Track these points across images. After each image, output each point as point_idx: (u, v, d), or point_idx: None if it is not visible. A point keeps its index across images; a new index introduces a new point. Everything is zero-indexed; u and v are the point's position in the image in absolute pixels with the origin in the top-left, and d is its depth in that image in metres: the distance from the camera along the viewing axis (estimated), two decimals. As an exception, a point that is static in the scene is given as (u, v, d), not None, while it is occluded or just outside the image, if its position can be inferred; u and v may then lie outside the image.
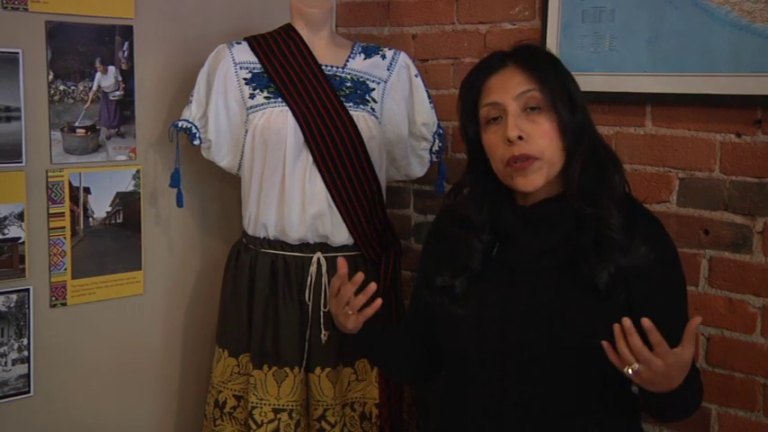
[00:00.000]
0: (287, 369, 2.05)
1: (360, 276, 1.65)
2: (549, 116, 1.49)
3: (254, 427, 2.04)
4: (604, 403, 1.52)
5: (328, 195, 2.04)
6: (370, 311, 1.64)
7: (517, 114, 1.48)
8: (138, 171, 2.18)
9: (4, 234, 1.97)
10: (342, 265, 1.67)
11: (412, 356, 1.75)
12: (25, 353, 2.03)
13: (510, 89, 1.50)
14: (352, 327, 1.67)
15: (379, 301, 1.64)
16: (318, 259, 2.06)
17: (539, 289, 1.50)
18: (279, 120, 2.03)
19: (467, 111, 1.57)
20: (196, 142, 2.11)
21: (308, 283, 2.05)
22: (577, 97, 1.52)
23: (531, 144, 1.47)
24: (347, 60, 2.14)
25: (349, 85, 2.10)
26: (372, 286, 1.63)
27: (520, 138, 1.47)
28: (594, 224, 1.48)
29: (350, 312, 1.64)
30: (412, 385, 2.22)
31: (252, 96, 2.07)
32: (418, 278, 1.76)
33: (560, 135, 1.49)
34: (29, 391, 2.05)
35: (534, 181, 1.49)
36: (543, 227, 1.52)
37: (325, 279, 2.06)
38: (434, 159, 2.22)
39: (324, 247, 2.07)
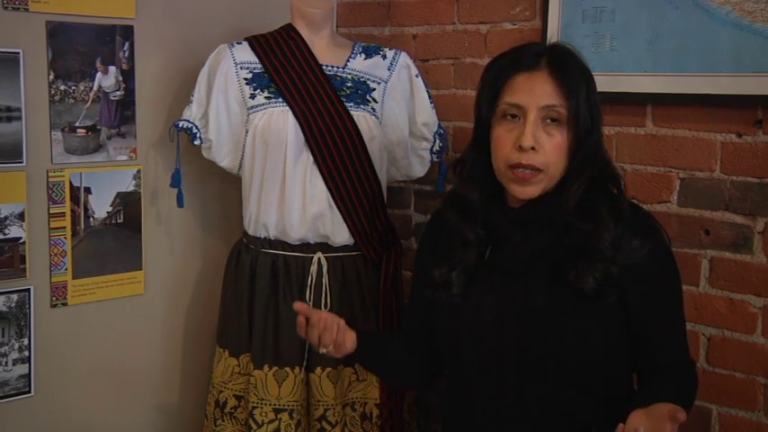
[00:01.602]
0: (287, 369, 2.05)
1: (297, 306, 1.59)
2: (566, 131, 1.47)
3: (254, 427, 2.04)
4: (605, 402, 1.52)
5: (329, 195, 2.04)
6: (341, 338, 1.59)
7: (536, 123, 1.47)
8: (138, 171, 2.18)
9: (4, 234, 1.97)
10: (299, 308, 1.60)
11: (411, 363, 1.73)
12: (26, 353, 2.03)
13: (537, 97, 1.47)
14: (341, 355, 1.63)
15: (342, 322, 1.59)
16: (319, 259, 2.06)
17: (532, 290, 1.50)
18: (279, 120, 2.03)
19: (486, 96, 1.53)
20: (197, 142, 2.11)
21: (309, 283, 2.06)
22: (598, 117, 1.51)
23: (541, 156, 1.46)
24: (348, 60, 2.14)
25: (350, 85, 2.10)
26: (323, 317, 1.57)
27: (532, 148, 1.46)
28: (587, 231, 1.48)
29: (329, 349, 1.59)
30: (411, 391, 2.21)
31: (252, 96, 2.07)
32: (415, 278, 1.76)
33: (570, 151, 1.48)
34: (29, 391, 2.05)
35: (531, 192, 1.49)
36: (533, 229, 1.52)
37: (325, 279, 2.06)
38: (435, 159, 2.22)
39: (324, 247, 2.07)
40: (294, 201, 2.03)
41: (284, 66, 2.08)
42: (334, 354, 1.61)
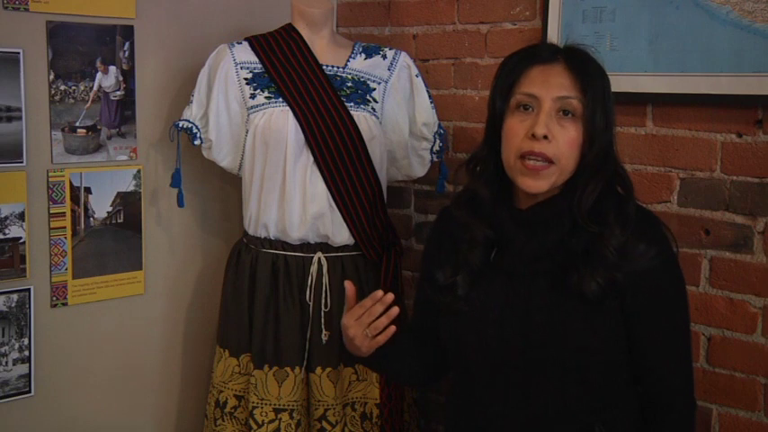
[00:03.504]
0: (288, 369, 2.05)
1: (379, 292, 1.58)
2: (579, 126, 1.47)
3: (254, 427, 2.04)
4: (609, 402, 1.52)
5: (329, 195, 2.04)
6: (383, 339, 1.58)
7: (550, 114, 1.47)
8: (138, 171, 2.18)
9: (4, 234, 1.97)
10: (349, 288, 1.62)
11: (418, 363, 1.73)
12: (26, 353, 2.03)
13: (552, 87, 1.47)
14: (367, 351, 1.62)
15: (396, 310, 1.57)
16: (319, 259, 2.06)
17: (535, 292, 1.50)
18: (280, 120, 2.03)
19: (501, 89, 1.54)
20: (197, 142, 2.11)
21: (309, 283, 2.06)
22: (612, 117, 1.51)
23: (553, 146, 1.46)
24: (348, 60, 2.14)
25: (350, 84, 2.10)
26: (390, 296, 1.57)
27: (545, 137, 1.46)
28: (592, 234, 1.48)
29: (370, 335, 1.57)
30: (418, 388, 2.21)
31: (253, 96, 2.07)
32: (422, 277, 1.75)
33: (582, 147, 1.48)
34: (29, 391, 2.05)
35: (541, 186, 1.48)
36: (539, 231, 1.52)
37: (325, 279, 2.06)
38: (435, 159, 2.22)
39: (324, 247, 2.07)
40: (294, 201, 2.03)
41: (284, 66, 2.08)
42: (366, 343, 1.58)
